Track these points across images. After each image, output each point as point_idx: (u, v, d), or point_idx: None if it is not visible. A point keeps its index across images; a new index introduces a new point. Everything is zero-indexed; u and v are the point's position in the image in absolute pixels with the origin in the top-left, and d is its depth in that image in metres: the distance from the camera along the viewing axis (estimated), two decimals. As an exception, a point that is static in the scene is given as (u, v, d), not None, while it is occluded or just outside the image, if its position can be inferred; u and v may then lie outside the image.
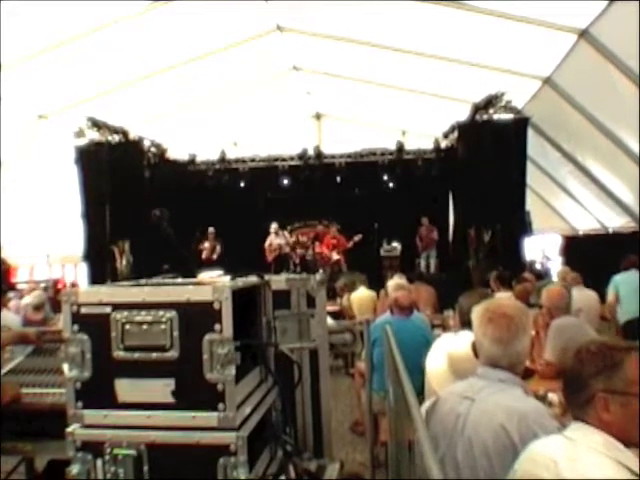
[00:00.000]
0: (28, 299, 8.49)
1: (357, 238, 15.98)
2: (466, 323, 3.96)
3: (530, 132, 13.93)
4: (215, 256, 15.59)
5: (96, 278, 14.32)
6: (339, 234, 16.36)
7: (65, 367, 2.17)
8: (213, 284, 2.12)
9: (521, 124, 13.81)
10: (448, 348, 3.41)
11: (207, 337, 2.05)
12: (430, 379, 3.55)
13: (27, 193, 14.98)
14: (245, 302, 2.45)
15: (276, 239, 15.95)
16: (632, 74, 9.91)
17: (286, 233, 16.52)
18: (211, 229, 15.88)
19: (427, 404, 2.80)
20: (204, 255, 15.50)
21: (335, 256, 16.19)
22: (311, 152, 17.42)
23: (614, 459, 1.88)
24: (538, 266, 16.84)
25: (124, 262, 14.52)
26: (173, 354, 2.08)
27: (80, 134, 14.49)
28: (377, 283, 11.86)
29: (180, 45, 13.02)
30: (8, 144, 12.51)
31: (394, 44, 13.14)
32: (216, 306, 2.05)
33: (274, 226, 16.12)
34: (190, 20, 12.13)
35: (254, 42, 14.10)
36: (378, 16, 12.12)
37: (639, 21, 8.56)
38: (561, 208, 17.87)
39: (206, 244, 15.70)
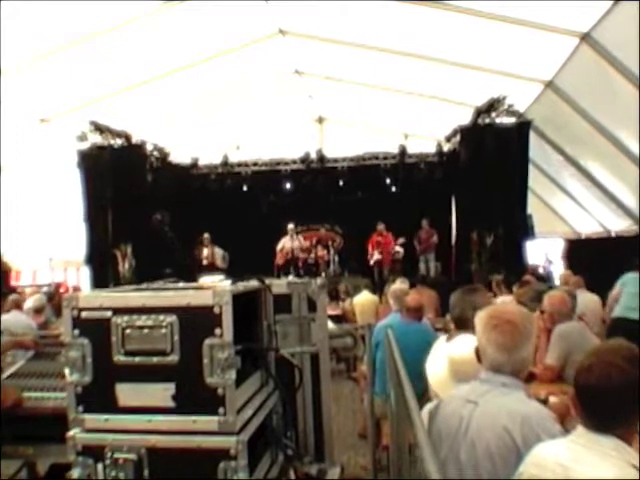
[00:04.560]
0: (30, 303, 8.47)
1: (401, 241, 15.80)
2: (456, 322, 3.97)
3: (532, 135, 13.92)
4: (216, 261, 15.56)
5: (98, 282, 14.31)
6: (385, 232, 15.73)
7: (66, 371, 2.17)
8: (213, 288, 2.12)
9: (523, 127, 13.80)
10: (449, 351, 3.40)
11: (207, 341, 2.06)
12: (431, 383, 3.54)
13: (29, 197, 15.00)
14: (246, 306, 2.45)
15: (289, 242, 15.81)
16: (634, 77, 9.91)
17: (300, 237, 16.31)
18: (206, 235, 15.75)
19: (429, 406, 2.80)
20: (204, 261, 15.46)
21: (377, 255, 15.69)
22: (313, 156, 17.42)
23: (627, 462, 1.87)
24: (540, 270, 16.80)
25: (126, 266, 14.52)
26: (173, 358, 2.09)
27: (82, 138, 14.49)
28: (380, 287, 11.88)
29: (182, 49, 13.03)
30: (10, 148, 12.52)
31: (396, 48, 13.14)
32: (216, 310, 2.05)
33: (290, 227, 15.91)
34: (192, 24, 12.15)
35: (256, 46, 14.11)
36: (380, 20, 12.13)
37: (641, 24, 8.58)
38: (563, 211, 17.85)
39: (204, 250, 15.64)
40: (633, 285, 8.40)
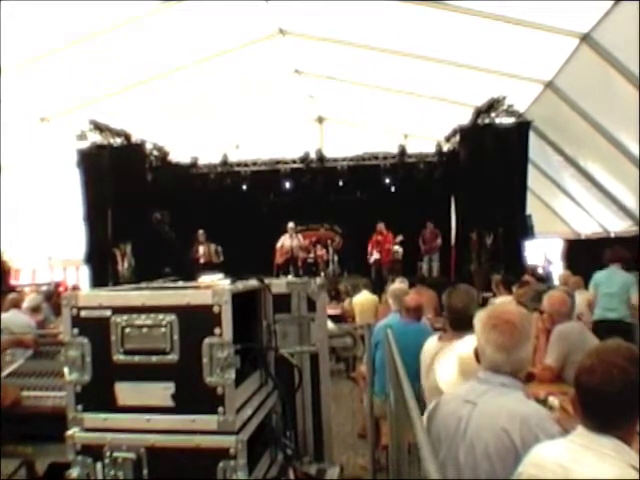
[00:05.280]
0: (26, 302, 8.48)
1: (399, 239, 15.73)
2: (457, 321, 3.96)
3: (532, 136, 13.92)
4: (214, 258, 15.54)
5: (98, 281, 14.32)
6: (387, 230, 15.64)
7: (65, 370, 2.17)
8: (213, 288, 2.12)
9: (523, 128, 13.81)
10: (458, 351, 3.40)
11: (207, 341, 2.05)
12: (440, 384, 3.52)
13: (29, 196, 15.00)
14: (245, 305, 2.45)
15: (289, 240, 15.76)
16: (634, 78, 9.90)
17: (300, 236, 16.27)
18: (201, 231, 15.72)
19: (429, 406, 2.79)
20: (203, 258, 15.44)
21: (375, 255, 15.62)
22: (313, 155, 17.43)
23: (626, 462, 1.87)
24: (540, 270, 16.81)
25: (126, 265, 14.53)
26: (173, 357, 2.08)
27: (82, 137, 14.51)
28: (379, 287, 11.88)
29: (182, 48, 13.03)
30: (10, 147, 12.52)
31: (396, 48, 13.14)
32: (216, 310, 2.05)
33: (290, 225, 15.86)
34: (192, 24, 12.15)
35: (256, 45, 14.11)
36: (381, 20, 12.13)
37: (641, 25, 8.58)
38: (563, 211, 17.86)
39: (200, 248, 15.62)
40: (607, 285, 8.34)
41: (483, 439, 2.40)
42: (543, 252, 18.24)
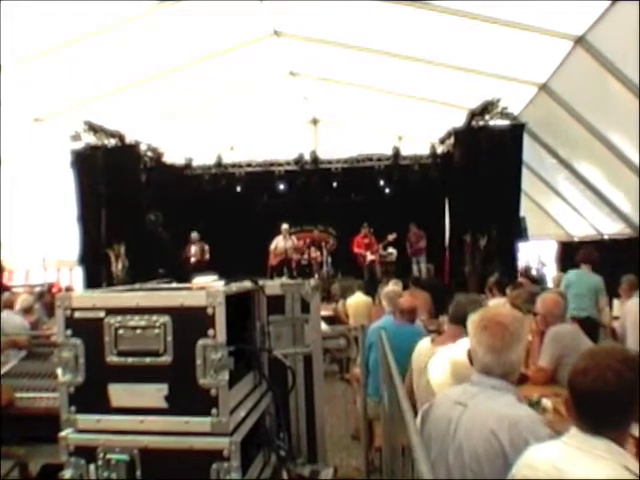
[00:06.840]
0: (18, 304, 8.45)
1: (392, 237, 15.66)
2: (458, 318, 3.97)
3: (526, 138, 13.94)
4: (207, 257, 15.53)
5: (91, 282, 14.29)
6: (370, 234, 15.61)
7: (59, 371, 2.17)
8: (207, 289, 2.12)
9: (517, 130, 13.83)
10: (450, 355, 3.40)
11: (200, 342, 2.05)
12: (432, 385, 3.53)
13: (23, 196, 14.94)
14: (239, 307, 2.45)
15: (282, 242, 15.70)
16: (628, 81, 9.92)
17: (294, 237, 16.24)
18: (194, 234, 15.74)
19: (423, 408, 2.80)
20: (194, 258, 15.43)
21: (370, 256, 15.50)
22: (307, 157, 17.45)
23: (619, 464, 1.88)
24: (534, 272, 16.84)
25: (120, 266, 14.49)
26: (166, 359, 2.08)
27: (76, 137, 14.47)
28: (373, 288, 11.88)
29: (176, 49, 13.00)
30: (4, 147, 12.47)
31: (391, 50, 13.14)
32: (210, 311, 2.05)
33: (285, 227, 15.81)
34: (186, 25, 12.12)
35: (251, 47, 14.08)
36: (375, 22, 12.14)
37: (637, 28, 8.59)
38: (556, 214, 17.89)
39: (192, 248, 15.60)
40: (576, 286, 8.50)
41: (472, 441, 2.40)
42: (537, 254, 18.28)
